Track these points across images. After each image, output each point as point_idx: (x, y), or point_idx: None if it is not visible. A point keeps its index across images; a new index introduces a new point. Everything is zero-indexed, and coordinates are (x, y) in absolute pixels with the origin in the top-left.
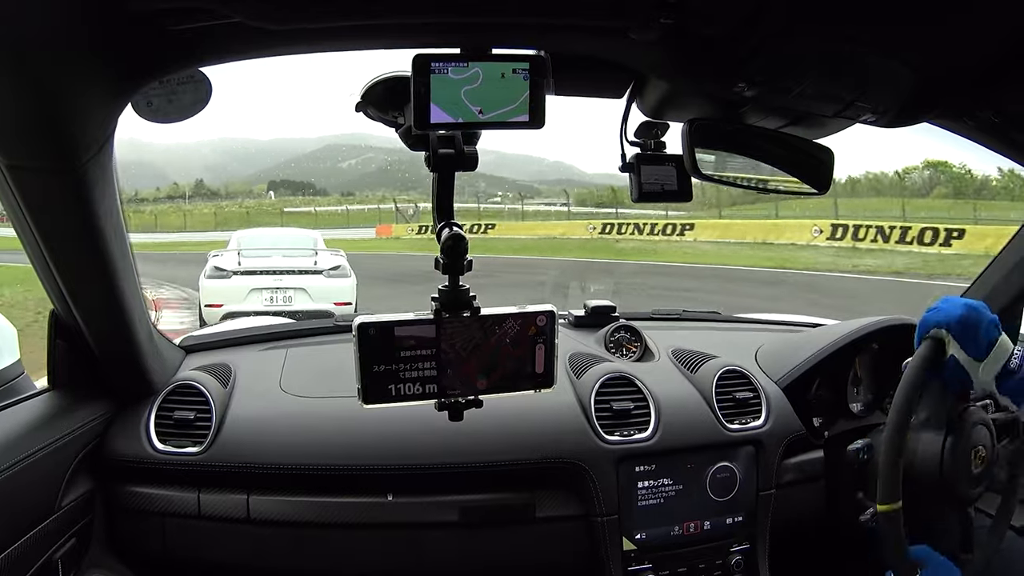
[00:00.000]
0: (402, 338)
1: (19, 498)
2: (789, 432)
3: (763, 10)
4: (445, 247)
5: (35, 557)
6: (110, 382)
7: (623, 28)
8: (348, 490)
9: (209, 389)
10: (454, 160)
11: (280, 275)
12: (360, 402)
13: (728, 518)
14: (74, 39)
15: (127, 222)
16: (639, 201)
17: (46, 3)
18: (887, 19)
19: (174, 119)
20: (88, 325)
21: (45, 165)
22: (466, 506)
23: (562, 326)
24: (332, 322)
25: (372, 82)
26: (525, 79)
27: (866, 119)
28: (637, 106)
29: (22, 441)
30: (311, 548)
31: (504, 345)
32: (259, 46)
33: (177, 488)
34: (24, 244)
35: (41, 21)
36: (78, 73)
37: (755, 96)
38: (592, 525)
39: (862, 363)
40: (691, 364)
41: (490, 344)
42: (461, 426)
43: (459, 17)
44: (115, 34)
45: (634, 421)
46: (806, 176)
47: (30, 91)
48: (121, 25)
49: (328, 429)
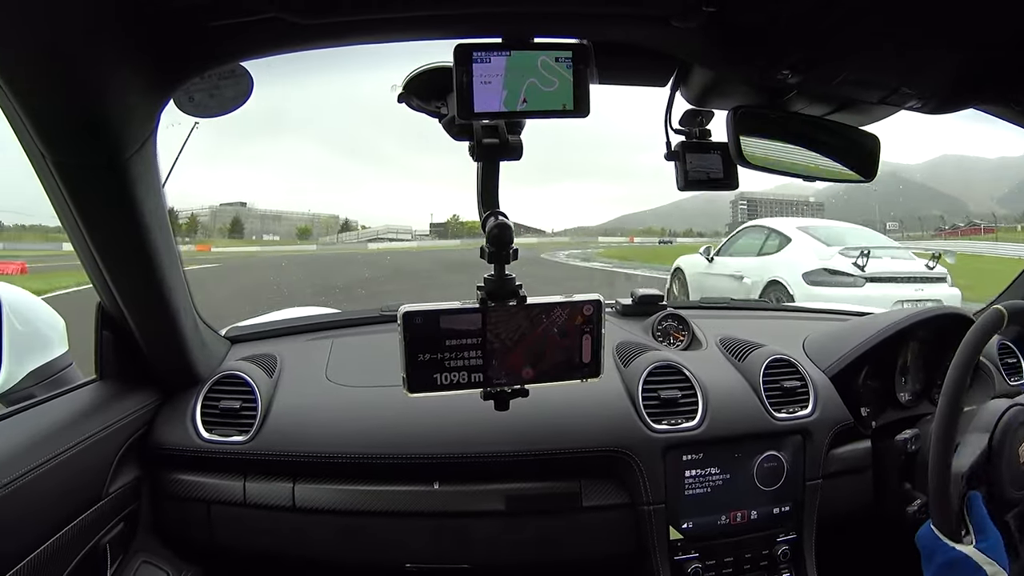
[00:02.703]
0: (448, 327)
1: (68, 485)
2: (837, 422)
3: None
4: (491, 236)
5: (83, 541)
6: (156, 372)
7: (665, 16)
8: (394, 478)
9: (255, 379)
10: (498, 149)
11: (917, 283)
12: (405, 391)
13: (775, 508)
14: (115, 36)
15: None
16: (685, 189)
17: (88, 2)
18: (931, 3)
19: (215, 113)
20: (133, 317)
21: (90, 161)
22: (512, 495)
23: (609, 315)
24: (378, 311)
25: (415, 73)
26: (568, 67)
27: (911, 105)
28: (681, 94)
29: (71, 430)
30: (356, 536)
31: (551, 334)
32: (298, 40)
33: (223, 476)
34: (70, 238)
35: (83, 19)
36: (120, 70)
37: (799, 83)
38: (639, 514)
39: (910, 352)
40: (739, 353)
41: (536, 333)
42: (507, 415)
43: (500, 7)
44: (156, 30)
45: (682, 410)
46: (852, 163)
47: (74, 89)
48: (161, 21)
49: (374, 418)
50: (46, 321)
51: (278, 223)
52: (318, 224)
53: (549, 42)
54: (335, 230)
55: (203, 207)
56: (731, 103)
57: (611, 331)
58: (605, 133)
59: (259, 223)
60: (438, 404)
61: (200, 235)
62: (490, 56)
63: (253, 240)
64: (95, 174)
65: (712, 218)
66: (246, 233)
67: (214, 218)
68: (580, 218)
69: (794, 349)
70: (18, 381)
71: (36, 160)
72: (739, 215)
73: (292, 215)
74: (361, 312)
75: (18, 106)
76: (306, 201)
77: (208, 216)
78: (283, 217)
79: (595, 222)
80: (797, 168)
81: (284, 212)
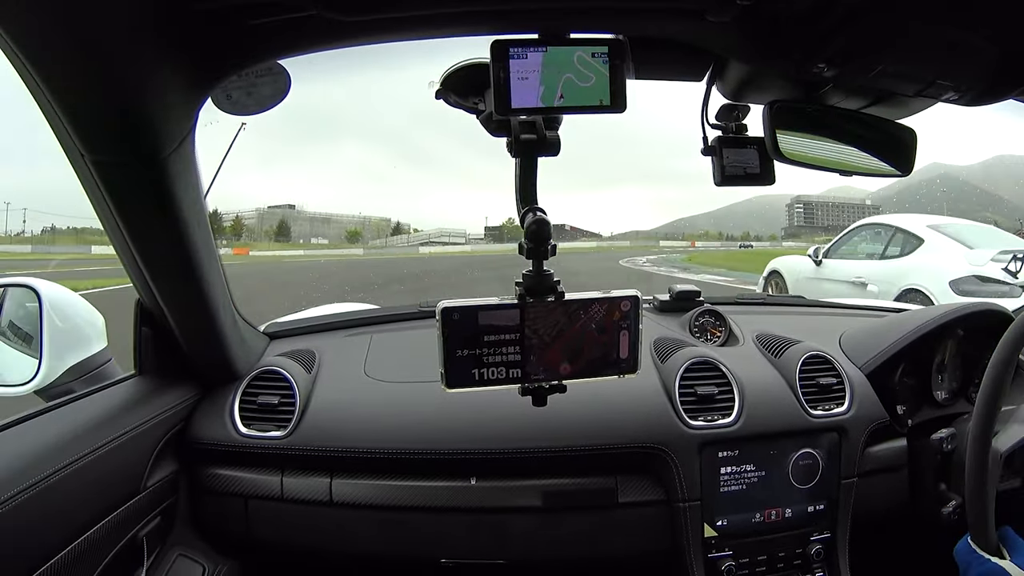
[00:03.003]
0: (486, 323)
1: (107, 478)
2: (873, 419)
3: None
4: (529, 232)
5: (121, 534)
6: (195, 368)
7: (700, 10)
8: (431, 474)
9: (293, 375)
10: (536, 145)
11: None
12: (443, 387)
13: (809, 506)
14: (155, 35)
15: None
16: (722, 184)
17: (127, 1)
18: None
19: (253, 111)
20: (172, 313)
21: (129, 159)
22: (549, 490)
23: (647, 311)
24: (416, 307)
25: (452, 69)
26: (605, 63)
27: (948, 97)
28: (717, 88)
29: (110, 424)
30: (393, 531)
31: (589, 330)
32: (335, 37)
33: (260, 471)
34: (109, 235)
35: (122, 18)
36: (158, 69)
37: (835, 76)
38: (674, 511)
39: (948, 350)
40: (775, 349)
41: (574, 329)
42: (544, 411)
43: (536, 3)
44: (193, 30)
45: (718, 406)
46: (889, 158)
47: (112, 87)
48: (199, 20)
49: (411, 414)
50: (85, 317)
51: (327, 226)
52: (369, 227)
53: (585, 37)
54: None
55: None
56: (767, 97)
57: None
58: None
59: (308, 226)
60: (476, 400)
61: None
62: (527, 52)
63: (300, 244)
64: (134, 172)
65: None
66: (293, 236)
67: (261, 220)
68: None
69: (831, 345)
70: (58, 376)
71: (75, 159)
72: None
73: (342, 218)
74: (399, 308)
75: (56, 105)
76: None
77: (255, 219)
78: (333, 220)
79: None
80: (833, 163)
81: (334, 215)
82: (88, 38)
